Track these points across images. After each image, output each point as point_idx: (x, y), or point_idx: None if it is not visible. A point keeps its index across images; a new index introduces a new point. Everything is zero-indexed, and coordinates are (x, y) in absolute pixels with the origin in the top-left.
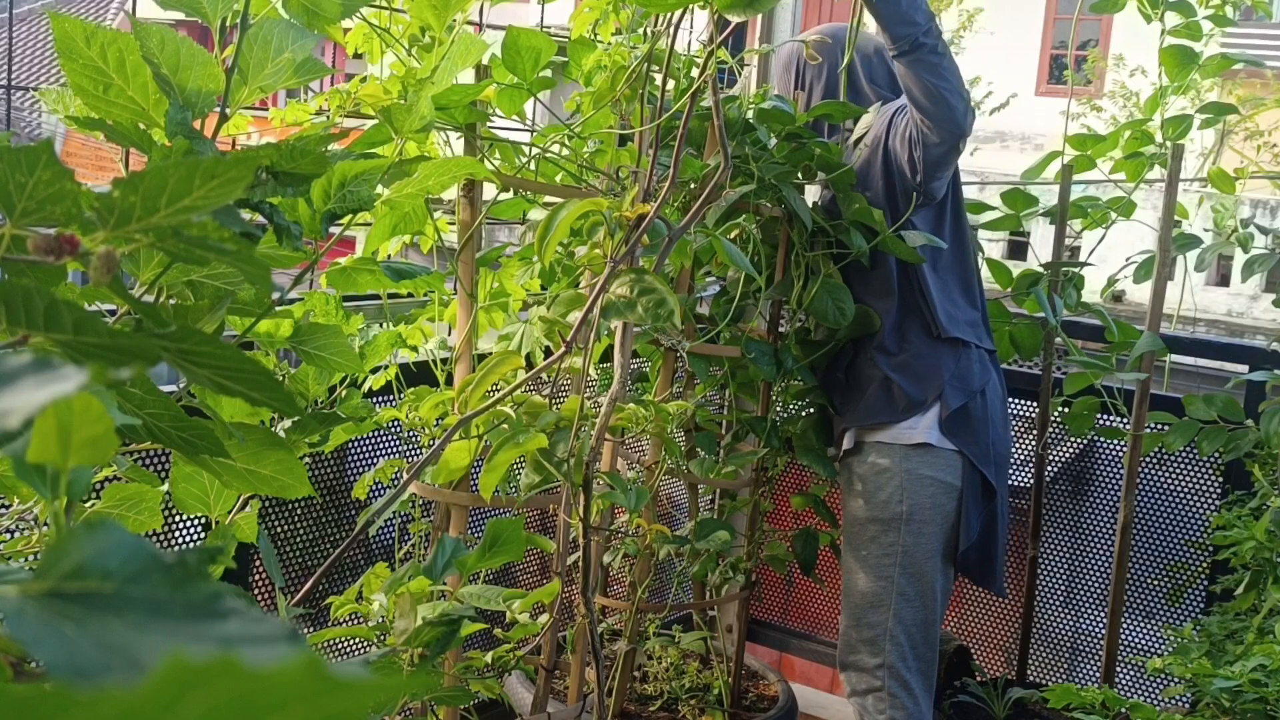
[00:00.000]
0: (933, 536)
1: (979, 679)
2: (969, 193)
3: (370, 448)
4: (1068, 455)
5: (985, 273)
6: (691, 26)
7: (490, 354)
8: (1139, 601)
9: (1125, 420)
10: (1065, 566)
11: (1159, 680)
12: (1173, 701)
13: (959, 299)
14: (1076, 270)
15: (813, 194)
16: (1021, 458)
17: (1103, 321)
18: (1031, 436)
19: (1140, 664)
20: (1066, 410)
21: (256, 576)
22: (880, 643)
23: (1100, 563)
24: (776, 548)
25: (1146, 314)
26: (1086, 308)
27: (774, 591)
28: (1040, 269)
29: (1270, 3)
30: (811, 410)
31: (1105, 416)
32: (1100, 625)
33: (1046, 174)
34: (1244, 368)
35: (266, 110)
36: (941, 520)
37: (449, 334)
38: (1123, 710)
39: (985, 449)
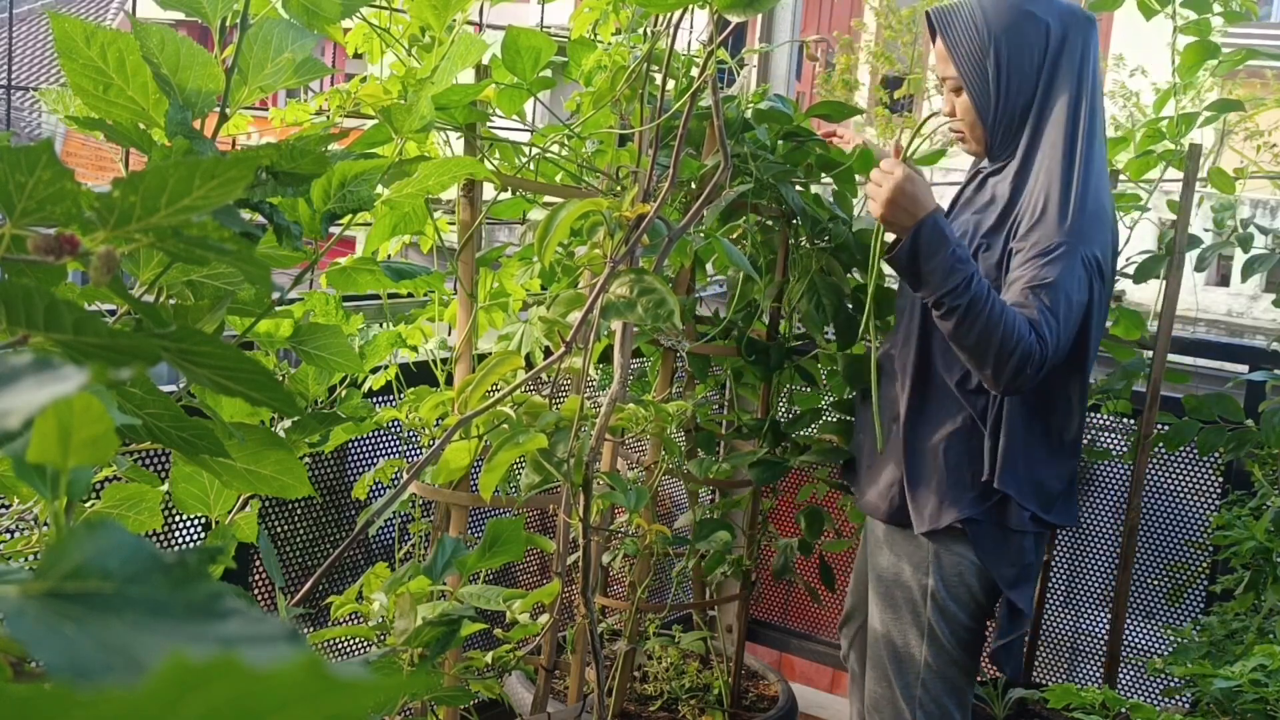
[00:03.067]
0: (959, 613)
1: (979, 679)
2: None
3: (370, 448)
4: None
5: None
6: (691, 26)
7: (490, 354)
8: (1140, 601)
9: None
10: (1066, 566)
11: (1159, 680)
12: (1173, 701)
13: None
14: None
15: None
16: None
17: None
18: None
19: (1141, 664)
20: None
21: (256, 576)
22: (910, 707)
23: (1101, 563)
24: (778, 561)
25: (1147, 313)
26: None
27: (774, 591)
28: None
29: (1259, 3)
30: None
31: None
32: (1101, 625)
33: None
34: (1244, 368)
35: (266, 110)
36: (969, 598)
37: (449, 334)
38: (1123, 710)
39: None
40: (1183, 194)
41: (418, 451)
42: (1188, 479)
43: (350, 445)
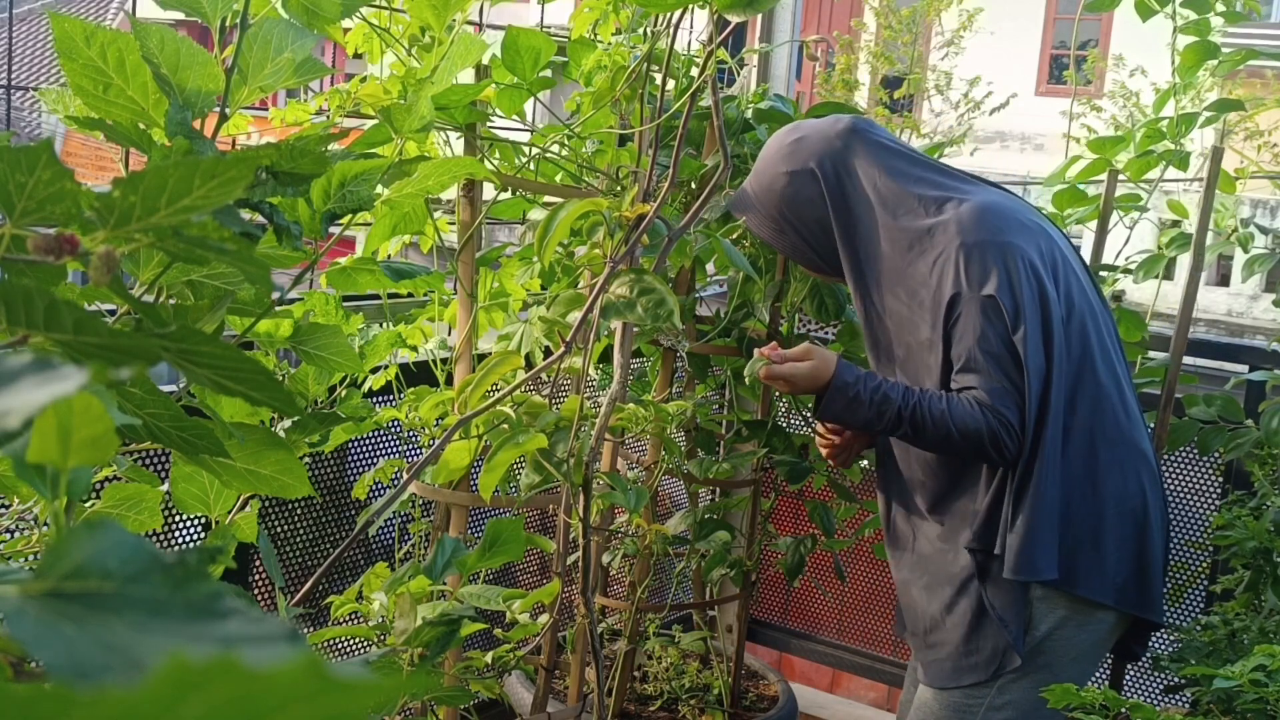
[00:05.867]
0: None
1: None
2: None
3: (370, 448)
4: None
5: None
6: (691, 26)
7: (490, 354)
8: None
9: None
10: None
11: (1159, 680)
12: (1173, 701)
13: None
14: (1115, 274)
15: None
16: None
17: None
18: None
19: (1141, 664)
20: None
21: (256, 576)
22: None
23: None
24: (790, 559)
25: (1148, 313)
26: None
27: (774, 591)
28: None
29: (1260, 3)
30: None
31: None
32: None
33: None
34: (1244, 368)
35: (266, 110)
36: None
37: (449, 334)
38: (1123, 710)
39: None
40: (1204, 196)
41: (418, 451)
42: (1188, 479)
43: (350, 445)
